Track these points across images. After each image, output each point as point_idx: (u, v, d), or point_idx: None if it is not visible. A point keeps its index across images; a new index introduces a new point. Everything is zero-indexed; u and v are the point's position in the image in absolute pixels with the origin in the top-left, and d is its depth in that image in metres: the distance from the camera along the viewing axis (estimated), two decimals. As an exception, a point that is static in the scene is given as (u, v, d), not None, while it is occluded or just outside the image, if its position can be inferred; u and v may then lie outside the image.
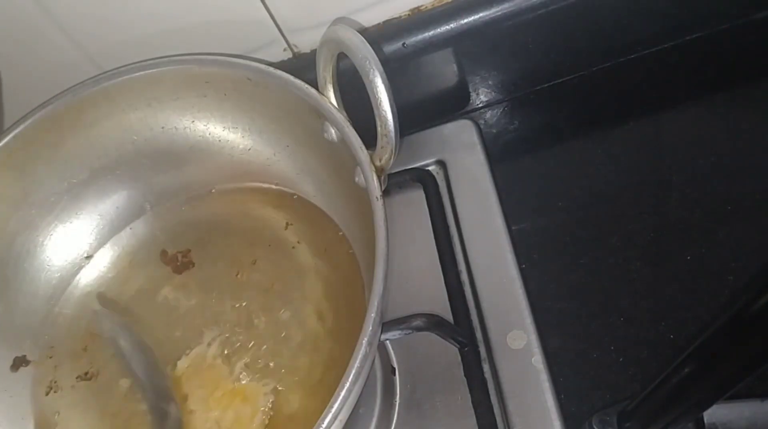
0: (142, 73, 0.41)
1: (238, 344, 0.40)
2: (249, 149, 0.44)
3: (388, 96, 0.32)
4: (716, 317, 0.28)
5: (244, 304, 0.41)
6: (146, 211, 0.46)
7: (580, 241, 0.47)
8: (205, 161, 0.45)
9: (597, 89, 0.54)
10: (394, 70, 0.47)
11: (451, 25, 0.46)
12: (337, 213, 0.42)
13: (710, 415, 0.37)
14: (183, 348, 0.40)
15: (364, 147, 0.34)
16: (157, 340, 0.41)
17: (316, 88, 0.37)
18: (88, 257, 0.45)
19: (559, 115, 0.54)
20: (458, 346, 0.43)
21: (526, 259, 0.46)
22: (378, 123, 0.33)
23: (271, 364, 0.38)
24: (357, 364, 0.28)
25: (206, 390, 0.39)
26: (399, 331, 0.38)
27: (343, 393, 0.28)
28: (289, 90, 0.38)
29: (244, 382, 0.38)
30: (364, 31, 0.46)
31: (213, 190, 0.46)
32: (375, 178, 0.33)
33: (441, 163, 0.51)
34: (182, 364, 0.40)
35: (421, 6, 0.46)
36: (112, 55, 0.44)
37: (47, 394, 0.41)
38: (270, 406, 0.37)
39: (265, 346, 0.39)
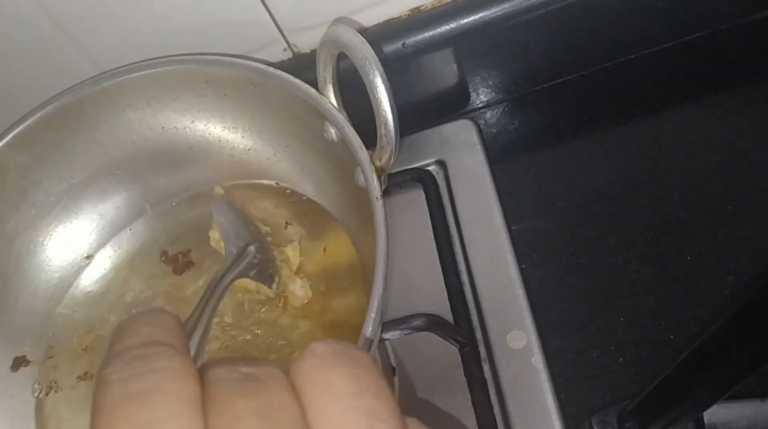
0: (142, 73, 0.41)
1: (236, 346, 0.40)
2: (249, 149, 0.44)
3: (388, 96, 0.32)
4: (716, 317, 0.28)
5: (243, 304, 0.41)
6: (146, 212, 0.46)
7: (580, 241, 0.47)
8: (205, 161, 0.45)
9: (597, 89, 0.54)
10: (394, 70, 0.47)
11: (451, 25, 0.45)
12: (337, 213, 0.42)
13: (710, 415, 0.37)
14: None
15: (364, 147, 0.34)
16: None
17: (316, 88, 0.37)
18: (88, 257, 0.45)
19: (559, 115, 0.54)
20: (458, 346, 0.43)
21: (526, 259, 0.46)
22: (378, 123, 0.33)
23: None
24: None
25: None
26: (399, 331, 0.38)
27: (343, 393, 0.28)
28: (289, 90, 0.38)
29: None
30: (364, 31, 0.46)
31: (213, 190, 0.46)
32: (375, 178, 0.33)
33: (441, 163, 0.51)
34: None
35: (421, 6, 0.46)
36: (112, 55, 0.44)
37: (47, 394, 0.41)
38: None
39: (263, 347, 0.39)
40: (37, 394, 0.41)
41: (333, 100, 0.37)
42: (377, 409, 0.16)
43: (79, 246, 0.45)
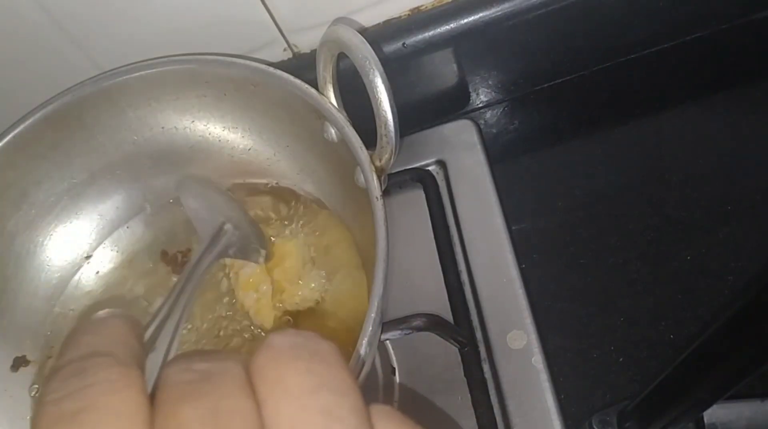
0: (142, 73, 0.41)
1: (235, 346, 0.40)
2: (249, 149, 0.44)
3: (388, 96, 0.32)
4: (716, 317, 0.28)
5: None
6: (146, 211, 0.46)
7: (580, 241, 0.47)
8: (205, 161, 0.45)
9: (597, 89, 0.54)
10: (394, 70, 0.47)
11: (451, 25, 0.46)
12: (337, 213, 0.42)
13: (710, 415, 0.37)
14: (180, 348, 0.40)
15: (364, 147, 0.34)
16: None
17: (316, 88, 0.37)
18: (88, 257, 0.45)
19: (559, 115, 0.54)
20: (458, 346, 0.43)
21: (526, 259, 0.46)
22: (378, 123, 0.33)
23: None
24: (357, 364, 0.28)
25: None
26: (399, 331, 0.38)
27: (343, 393, 0.28)
28: (289, 90, 0.38)
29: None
30: (364, 31, 0.46)
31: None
32: (375, 178, 0.33)
33: (441, 163, 0.51)
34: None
35: (421, 6, 0.46)
36: (112, 55, 0.44)
37: (47, 394, 0.41)
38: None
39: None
40: (34, 393, 0.40)
41: (333, 100, 0.37)
42: (335, 406, 0.15)
43: (79, 246, 0.45)
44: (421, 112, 0.54)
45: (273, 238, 0.42)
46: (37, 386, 0.41)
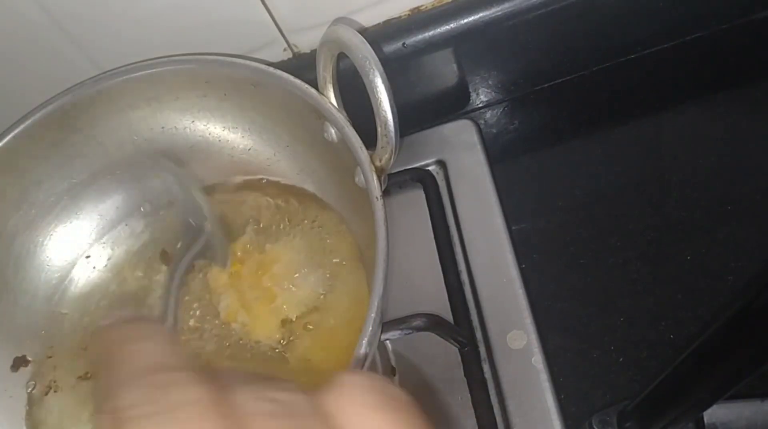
0: (142, 73, 0.41)
1: (236, 345, 0.40)
2: (249, 149, 0.44)
3: (388, 96, 0.32)
4: (716, 317, 0.28)
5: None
6: (146, 211, 0.46)
7: (580, 241, 0.47)
8: (205, 161, 0.45)
9: (597, 89, 0.54)
10: (394, 70, 0.47)
11: (451, 25, 0.46)
12: (337, 213, 0.42)
13: (710, 415, 0.37)
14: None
15: (364, 147, 0.34)
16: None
17: (316, 88, 0.37)
18: (88, 257, 0.45)
19: (559, 115, 0.54)
20: (458, 346, 0.43)
21: (526, 259, 0.46)
22: (378, 123, 0.33)
23: (269, 364, 0.38)
24: (357, 364, 0.28)
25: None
26: (399, 331, 0.39)
27: (343, 393, 0.28)
28: (289, 90, 0.38)
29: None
30: (364, 31, 0.46)
31: (212, 190, 0.46)
32: (375, 178, 0.33)
33: (441, 163, 0.51)
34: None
35: (421, 6, 0.46)
36: (112, 55, 0.44)
37: (47, 394, 0.41)
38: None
39: (263, 347, 0.39)
40: (30, 390, 0.41)
41: (333, 100, 0.37)
42: None
43: (79, 246, 0.45)
44: (421, 112, 0.54)
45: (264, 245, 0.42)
46: (33, 382, 0.41)
